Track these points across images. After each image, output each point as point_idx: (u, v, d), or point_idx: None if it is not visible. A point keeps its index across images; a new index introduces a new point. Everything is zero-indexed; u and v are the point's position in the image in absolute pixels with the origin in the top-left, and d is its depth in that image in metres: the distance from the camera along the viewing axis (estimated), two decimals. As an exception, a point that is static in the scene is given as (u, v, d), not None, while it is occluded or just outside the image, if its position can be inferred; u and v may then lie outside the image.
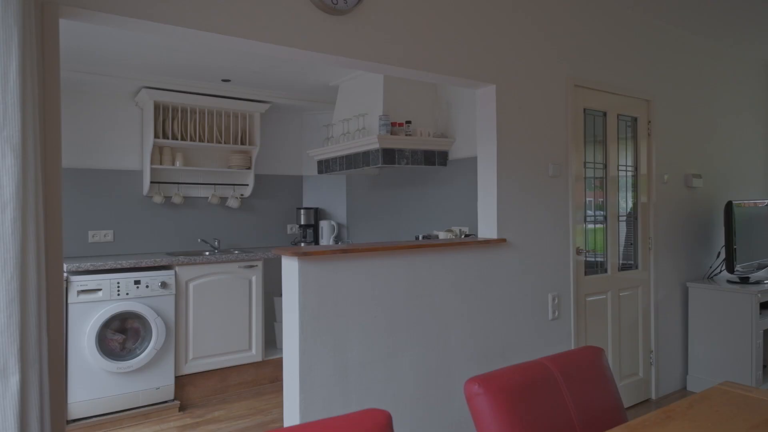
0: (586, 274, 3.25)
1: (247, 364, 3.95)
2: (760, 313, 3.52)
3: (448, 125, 3.81)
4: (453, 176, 3.73)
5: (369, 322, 2.36)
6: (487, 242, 2.73)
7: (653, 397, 3.61)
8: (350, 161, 3.93)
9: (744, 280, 3.73)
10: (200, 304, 3.72)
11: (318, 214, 4.99)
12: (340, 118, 4.18)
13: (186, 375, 3.68)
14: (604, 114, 3.40)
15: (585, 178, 3.29)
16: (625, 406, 3.44)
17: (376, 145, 3.55)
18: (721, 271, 4.01)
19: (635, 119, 3.58)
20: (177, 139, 4.14)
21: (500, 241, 2.77)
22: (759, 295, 3.46)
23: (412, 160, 3.63)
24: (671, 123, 3.78)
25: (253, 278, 3.97)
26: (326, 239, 4.85)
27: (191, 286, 3.69)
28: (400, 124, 3.64)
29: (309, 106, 4.74)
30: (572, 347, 3.12)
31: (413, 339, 2.50)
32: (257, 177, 4.76)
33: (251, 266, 3.95)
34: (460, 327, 2.66)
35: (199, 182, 4.46)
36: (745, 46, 4.22)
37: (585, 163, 3.29)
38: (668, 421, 1.38)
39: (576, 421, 1.44)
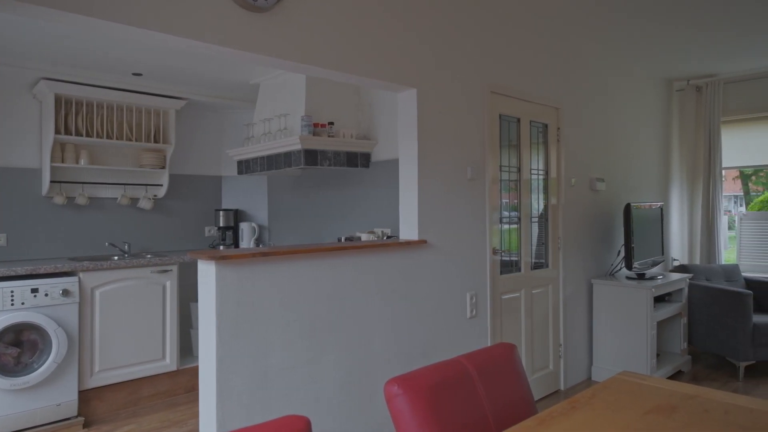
0: (501, 273, 3.40)
1: (161, 374, 3.74)
2: (654, 307, 3.85)
3: (370, 127, 3.84)
4: (375, 178, 3.76)
5: (290, 327, 2.32)
6: (409, 243, 2.78)
7: (562, 388, 3.85)
8: (272, 162, 3.85)
9: (641, 276, 4.06)
10: (108, 313, 3.48)
11: (238, 215, 4.84)
12: (261, 118, 4.08)
13: (92, 389, 3.42)
14: (518, 120, 3.57)
15: (501, 180, 3.44)
16: (537, 398, 3.63)
17: (299, 146, 3.50)
18: (621, 268, 4.35)
19: (546, 126, 3.79)
20: (81, 136, 3.86)
21: (421, 243, 2.83)
22: (653, 289, 3.79)
23: (335, 161, 3.62)
24: (578, 130, 4.04)
25: (168, 284, 3.77)
26: (247, 242, 4.71)
27: (97, 293, 3.45)
28: (323, 125, 3.61)
29: (228, 104, 4.59)
30: (489, 344, 3.25)
31: (336, 342, 2.49)
32: (172, 177, 4.53)
33: (165, 271, 3.75)
34: (383, 328, 2.69)
35: (108, 182, 4.17)
36: (647, 63, 4.61)
37: (501, 166, 3.44)
38: (573, 411, 1.47)
39: (490, 416, 1.50)
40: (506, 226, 3.49)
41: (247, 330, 2.18)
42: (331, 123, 3.65)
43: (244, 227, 4.73)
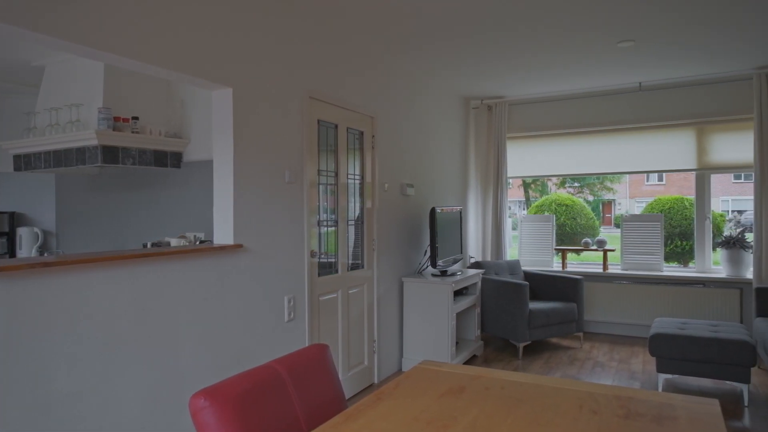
0: (319, 275, 3.47)
1: None
2: (454, 300, 4.31)
3: (182, 125, 3.60)
4: (187, 179, 3.53)
5: (81, 345, 2.05)
6: (223, 248, 2.67)
7: (376, 381, 4.08)
8: (60, 158, 3.36)
9: (443, 273, 4.51)
10: None
11: (15, 219, 4.11)
12: (47, 106, 3.54)
13: None
14: (336, 126, 3.69)
15: (319, 184, 3.51)
16: (353, 393, 3.79)
17: (95, 142, 3.12)
18: (427, 266, 4.78)
19: (362, 133, 3.99)
20: None
21: (237, 247, 2.74)
22: (453, 285, 4.24)
23: (140, 160, 3.31)
24: (391, 138, 4.33)
25: None
26: (27, 250, 4.03)
27: None
28: (126, 120, 3.28)
29: (2, 87, 3.88)
30: (306, 346, 3.29)
31: (138, 358, 2.27)
32: None
33: None
34: (194, 339, 2.54)
35: None
36: (447, 82, 5.14)
37: (319, 170, 3.51)
38: (379, 402, 1.57)
39: (302, 418, 1.52)
40: (324, 229, 3.57)
41: (25, 353, 1.87)
42: (136, 118, 3.33)
43: (24, 233, 4.04)
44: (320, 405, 1.61)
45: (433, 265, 4.32)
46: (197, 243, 3.20)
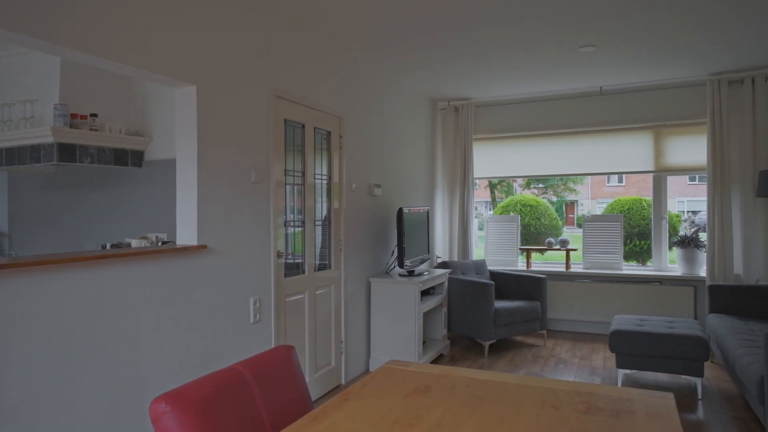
0: (286, 275, 3.44)
1: None
2: (421, 300, 4.34)
3: (144, 123, 3.50)
4: (149, 179, 3.45)
5: (36, 351, 1.97)
6: (187, 249, 2.61)
7: (343, 382, 4.06)
8: (13, 156, 3.22)
9: (411, 273, 4.54)
10: None
11: (-35, 219, 3.93)
12: (-1, 102, 3.39)
13: None
14: (303, 126, 3.66)
15: (285, 184, 3.48)
16: (321, 394, 3.77)
17: (50, 139, 3.01)
18: (395, 266, 4.79)
19: (329, 133, 3.97)
20: None
21: (201, 248, 2.69)
22: (420, 285, 4.26)
23: (99, 158, 3.21)
24: (359, 139, 4.33)
25: None
26: (-22, 251, 3.86)
27: None
28: (84, 117, 3.17)
29: (-50, 81, 3.70)
30: (272, 348, 3.25)
31: (98, 363, 2.20)
32: None
33: None
34: (157, 342, 2.48)
35: None
36: (415, 83, 5.17)
37: (286, 170, 3.48)
38: (345, 402, 1.57)
39: (267, 420, 1.50)
40: (291, 230, 3.54)
41: (-27, 360, 1.78)
42: (94, 115, 3.23)
43: (-25, 234, 3.86)
44: (286, 407, 1.59)
45: (401, 265, 4.33)
46: (159, 244, 3.12)
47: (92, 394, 2.18)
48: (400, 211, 4.34)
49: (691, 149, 5.25)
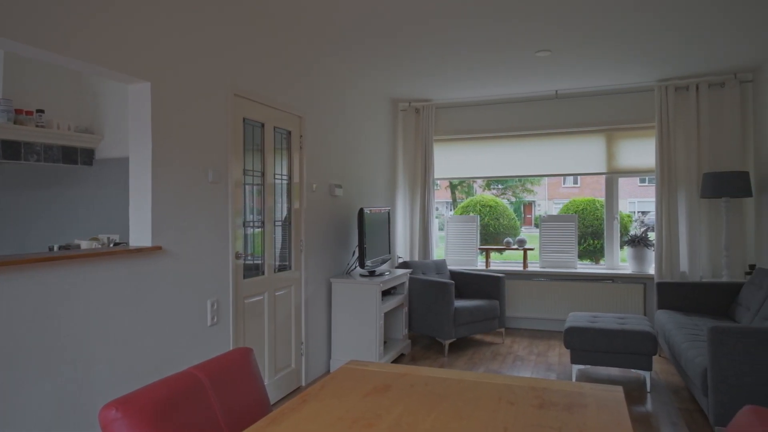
0: (245, 277, 3.38)
1: None
2: (382, 300, 4.35)
3: (95, 120, 3.38)
4: (101, 178, 3.32)
5: (-25, 358, 1.87)
6: (140, 251, 2.53)
7: (303, 384, 4.03)
8: (-49, 152, 3.05)
9: (372, 274, 4.54)
10: None
11: None
12: (-64, 95, 3.20)
13: None
14: (262, 125, 3.61)
15: (244, 184, 3.43)
16: (280, 397, 3.73)
17: (-7, 135, 2.86)
18: (356, 267, 4.79)
19: (290, 132, 3.93)
20: None
21: (155, 249, 2.62)
22: (381, 285, 4.27)
23: (46, 156, 3.07)
24: (320, 138, 4.30)
25: None
26: None
27: None
28: (29, 113, 3.03)
29: None
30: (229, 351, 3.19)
31: (45, 369, 2.11)
32: None
33: None
34: (108, 347, 2.39)
35: None
36: (375, 84, 5.18)
37: (245, 170, 3.42)
38: (304, 404, 1.56)
39: (223, 424, 1.48)
40: (250, 230, 3.49)
41: None
42: (41, 111, 3.09)
43: None
44: (243, 410, 1.57)
45: (362, 265, 4.34)
46: (111, 245, 3.02)
47: (37, 401, 2.09)
48: (361, 211, 4.35)
49: (641, 152, 5.47)
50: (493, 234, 7.22)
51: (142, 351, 2.58)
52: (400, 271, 4.84)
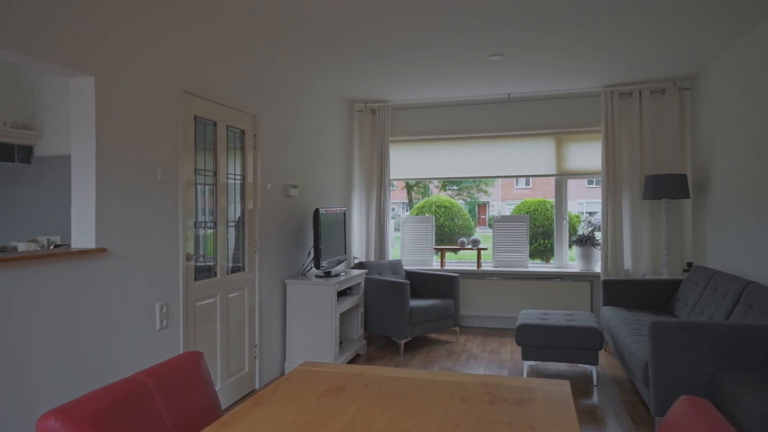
0: (196, 279, 3.29)
1: None
2: (338, 300, 4.33)
3: (33, 115, 3.21)
4: (40, 176, 3.16)
5: None
6: (83, 253, 2.43)
7: (257, 387, 3.96)
8: None
9: (327, 274, 4.52)
10: None
11: None
12: None
13: None
14: (215, 123, 3.53)
15: (196, 184, 3.34)
16: (233, 401, 3.65)
17: None
18: (311, 267, 4.75)
19: (243, 132, 3.86)
20: None
21: (100, 251, 2.51)
22: (337, 285, 4.26)
23: (-21, 153, 2.90)
24: (274, 138, 4.24)
25: None
26: None
27: None
28: (-40, 106, 2.85)
29: None
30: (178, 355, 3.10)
31: (-25, 379, 1.98)
32: None
33: None
34: (49, 354, 2.27)
35: None
36: (331, 84, 5.15)
37: (196, 169, 3.34)
38: (256, 407, 1.53)
39: (172, 431, 1.43)
40: (202, 231, 3.40)
41: None
42: (-26, 104, 2.91)
43: None
44: (193, 415, 1.53)
45: (317, 266, 4.30)
46: (52, 247, 2.88)
47: (-31, 414, 1.96)
48: (317, 211, 4.32)
49: (589, 155, 5.68)
50: (449, 234, 7.32)
51: (86, 357, 2.47)
52: (356, 272, 4.84)
